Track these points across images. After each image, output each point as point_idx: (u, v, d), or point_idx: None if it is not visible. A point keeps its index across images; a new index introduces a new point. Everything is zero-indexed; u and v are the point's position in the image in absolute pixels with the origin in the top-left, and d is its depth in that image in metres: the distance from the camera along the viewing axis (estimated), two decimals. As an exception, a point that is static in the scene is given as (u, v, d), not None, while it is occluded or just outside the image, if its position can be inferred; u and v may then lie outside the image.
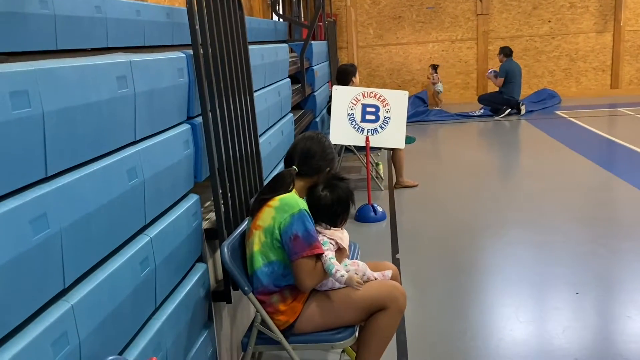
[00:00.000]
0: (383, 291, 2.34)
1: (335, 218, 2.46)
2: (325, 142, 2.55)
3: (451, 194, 5.83)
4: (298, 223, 2.20)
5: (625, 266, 3.87)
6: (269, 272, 2.29)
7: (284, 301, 2.30)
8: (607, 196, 5.59)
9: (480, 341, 3.03)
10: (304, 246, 2.19)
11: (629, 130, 8.49)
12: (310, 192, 2.48)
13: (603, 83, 12.03)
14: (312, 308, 2.31)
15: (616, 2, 11.58)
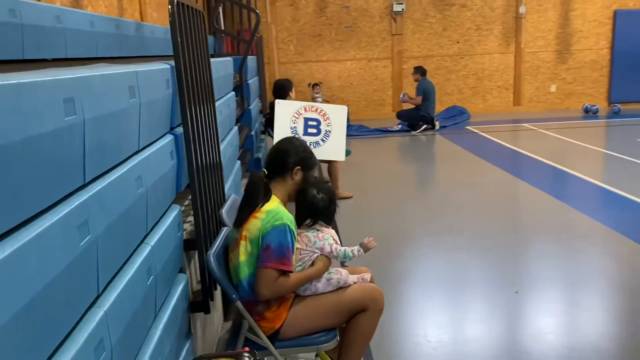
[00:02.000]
0: (363, 293, 2.47)
1: (331, 217, 2.60)
2: (296, 141, 2.61)
3: (383, 204, 6.09)
4: (275, 235, 2.26)
5: (548, 265, 4.26)
6: (247, 285, 2.34)
7: (270, 308, 2.36)
8: (519, 200, 6.09)
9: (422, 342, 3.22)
10: (271, 257, 2.25)
11: (532, 143, 9.26)
12: (303, 194, 2.55)
13: (507, 100, 13.00)
14: (296, 313, 2.38)
15: (517, 26, 12.60)
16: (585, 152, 8.44)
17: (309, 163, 2.57)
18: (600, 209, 5.71)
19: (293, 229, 2.34)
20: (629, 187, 6.13)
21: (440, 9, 12.54)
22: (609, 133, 10.54)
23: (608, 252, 4.47)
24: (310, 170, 2.58)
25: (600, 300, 3.70)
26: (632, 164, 7.31)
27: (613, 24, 12.60)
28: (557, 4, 12.55)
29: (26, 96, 1.09)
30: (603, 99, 12.98)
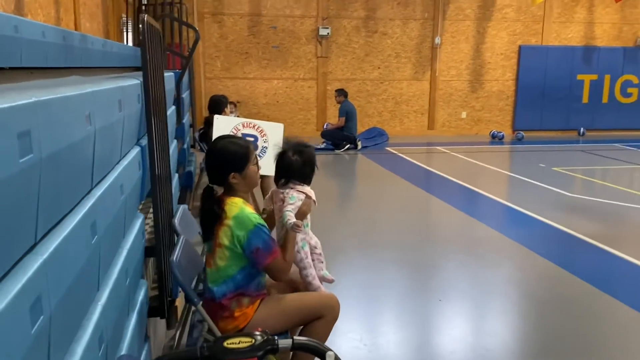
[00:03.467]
0: (323, 300, 2.69)
1: (305, 177, 2.82)
2: (221, 147, 2.58)
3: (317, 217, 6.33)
4: (256, 238, 2.46)
5: (466, 275, 4.69)
6: (230, 284, 2.51)
7: (240, 307, 2.53)
8: (436, 216, 6.57)
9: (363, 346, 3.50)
10: (266, 256, 2.47)
11: (445, 164, 9.92)
12: (281, 157, 2.77)
13: (422, 124, 13.78)
14: (261, 315, 2.56)
15: (432, 55, 13.44)
16: (493, 174, 9.17)
17: (241, 163, 2.53)
18: (508, 225, 6.28)
19: (262, 222, 2.52)
20: (533, 206, 6.78)
21: (363, 35, 13.15)
22: (513, 158, 11.46)
23: (517, 264, 4.97)
24: (246, 164, 2.54)
25: (512, 306, 4.15)
26: (534, 186, 8.05)
27: (518, 58, 13.76)
28: (469, 36, 13.54)
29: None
30: (508, 126, 14.07)
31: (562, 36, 13.87)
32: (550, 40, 13.80)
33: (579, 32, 13.91)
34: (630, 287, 4.44)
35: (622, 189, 8.03)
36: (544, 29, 13.73)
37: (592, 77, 13.98)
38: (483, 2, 13.40)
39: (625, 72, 14.04)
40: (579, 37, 13.93)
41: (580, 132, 13.89)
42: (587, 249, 5.33)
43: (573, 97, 14.02)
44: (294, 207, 2.67)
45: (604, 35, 14.00)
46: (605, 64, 13.97)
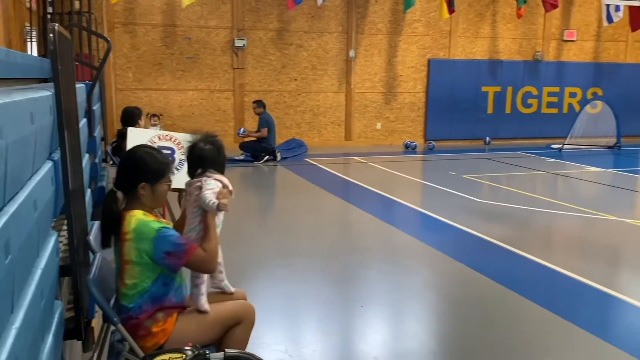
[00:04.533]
0: (239, 307, 2.68)
1: (221, 166, 2.75)
2: (136, 156, 2.55)
3: (232, 231, 6.28)
4: (162, 243, 2.39)
5: (387, 282, 4.81)
6: (145, 298, 2.43)
7: (157, 323, 2.46)
8: (356, 225, 6.71)
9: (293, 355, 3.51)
10: (179, 256, 2.42)
11: (362, 174, 10.16)
12: (192, 148, 2.71)
13: (339, 135, 14.03)
14: (181, 329, 2.51)
15: (347, 68, 13.75)
16: (407, 183, 9.50)
17: (156, 176, 2.50)
18: (424, 231, 6.52)
19: (163, 225, 2.45)
20: (445, 213, 7.08)
21: (279, 47, 13.24)
22: (426, 166, 11.92)
23: (433, 268, 5.17)
24: (159, 179, 2.51)
25: (431, 309, 4.30)
26: (446, 193, 8.41)
27: (427, 71, 14.36)
28: (382, 50, 13.98)
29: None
30: (420, 136, 14.63)
31: (468, 50, 14.64)
32: (457, 54, 14.53)
33: (483, 47, 14.74)
34: (536, 286, 4.73)
35: (526, 193, 8.56)
36: (451, 44, 14.43)
37: (496, 89, 14.85)
38: (394, 17, 13.90)
39: (525, 84, 15.02)
40: (483, 51, 14.76)
41: (486, 141, 14.68)
42: (497, 251, 5.63)
43: (479, 108, 14.81)
44: (212, 192, 2.57)
45: (506, 50, 14.92)
46: (507, 77, 14.88)
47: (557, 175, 10.35)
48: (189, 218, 2.69)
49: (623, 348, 3.56)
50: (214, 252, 2.54)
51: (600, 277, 4.85)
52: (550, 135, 14.84)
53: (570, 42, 15.31)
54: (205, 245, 2.52)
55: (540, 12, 14.69)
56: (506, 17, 14.63)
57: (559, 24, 15.14)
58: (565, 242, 6.26)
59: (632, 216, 7.22)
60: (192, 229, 2.65)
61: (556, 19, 15.02)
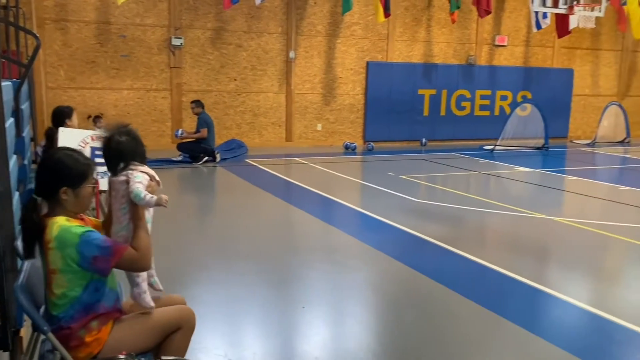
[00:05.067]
0: (177, 312, 2.63)
1: (143, 157, 2.61)
2: (56, 159, 2.47)
3: (171, 235, 6.16)
4: (87, 247, 2.30)
5: (328, 282, 4.86)
6: (76, 307, 2.35)
7: (90, 332, 2.38)
8: (297, 226, 6.73)
9: (239, 355, 3.49)
10: (107, 259, 2.33)
11: (303, 175, 10.20)
12: (107, 143, 2.56)
13: (280, 136, 14.02)
14: (116, 337, 2.43)
15: (287, 69, 13.76)
16: (348, 183, 9.60)
17: (78, 180, 2.43)
18: (364, 231, 6.61)
19: (87, 228, 2.36)
20: (384, 212, 7.20)
21: (218, 46, 13.08)
22: (365, 167, 12.10)
23: (373, 268, 5.25)
24: (82, 182, 2.43)
25: (371, 309, 4.37)
26: (385, 193, 8.57)
27: (366, 73, 14.58)
28: (321, 52, 14.07)
29: None
30: (359, 137, 14.82)
31: (405, 54, 14.96)
32: (395, 57, 14.82)
33: (420, 50, 15.11)
34: (471, 283, 4.90)
35: (460, 193, 8.84)
36: (388, 47, 14.71)
37: (432, 92, 15.25)
38: (333, 19, 14.02)
39: (459, 88, 15.51)
40: (419, 55, 15.12)
41: (423, 143, 15.05)
42: (433, 249, 5.79)
43: (415, 110, 15.16)
44: (142, 184, 2.46)
45: (441, 54, 15.35)
46: (442, 80, 15.31)
47: (489, 175, 10.74)
48: (118, 216, 2.54)
49: (551, 340, 3.74)
50: (146, 249, 2.44)
51: (530, 272, 5.07)
52: (482, 137, 15.37)
53: (501, 47, 15.93)
54: (136, 243, 2.42)
55: (473, 18, 15.21)
56: (441, 22, 15.05)
57: (490, 30, 15.72)
58: (497, 239, 6.51)
59: (559, 214, 7.59)
60: (123, 227, 2.52)
61: (488, 24, 15.59)
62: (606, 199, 8.74)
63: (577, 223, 6.90)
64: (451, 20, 14.56)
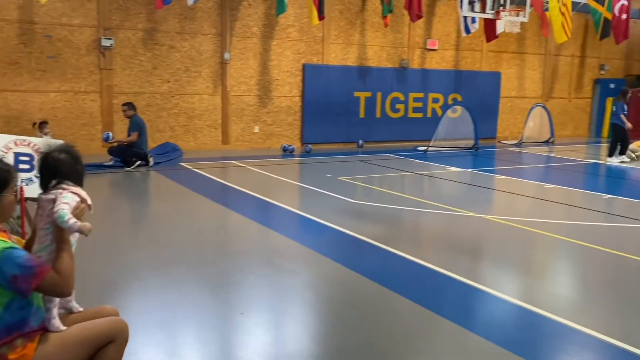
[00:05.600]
0: (110, 324, 2.53)
1: (79, 177, 2.54)
2: None
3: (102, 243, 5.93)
4: (7, 265, 2.18)
5: (267, 286, 4.82)
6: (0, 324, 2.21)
7: (14, 350, 2.25)
8: (234, 230, 6.65)
9: (176, 365, 3.40)
10: (28, 280, 2.20)
11: (241, 178, 10.11)
12: (45, 158, 2.48)
13: (216, 139, 13.82)
14: (44, 352, 2.31)
15: (222, 70, 13.59)
16: (286, 186, 9.59)
17: None
18: (303, 234, 6.62)
19: (10, 244, 2.24)
20: (323, 214, 7.23)
21: (150, 47, 12.76)
22: (303, 169, 12.12)
23: (312, 270, 5.26)
24: (2, 190, 2.32)
25: (311, 311, 4.37)
26: (323, 195, 8.61)
27: (303, 76, 14.62)
28: (257, 54, 14.00)
29: None
30: (297, 139, 14.84)
31: (341, 56, 15.11)
32: (331, 60, 14.94)
33: (355, 54, 15.30)
34: (407, 282, 4.99)
35: (396, 193, 9.01)
36: (324, 50, 14.81)
37: (367, 95, 15.48)
38: (268, 21, 13.98)
39: (393, 90, 15.82)
40: (354, 58, 15.31)
41: (359, 144, 15.25)
42: (371, 250, 5.86)
43: (351, 112, 15.35)
44: (69, 206, 2.37)
45: (375, 57, 15.61)
46: (377, 83, 15.58)
47: (423, 175, 11.01)
48: (40, 235, 2.43)
49: (484, 336, 3.86)
50: (68, 274, 2.33)
51: (464, 270, 5.23)
52: (416, 138, 15.75)
53: (432, 51, 16.38)
54: (59, 266, 2.31)
55: (405, 22, 15.56)
56: (374, 25, 15.31)
57: (422, 34, 16.13)
58: (433, 238, 6.67)
59: (490, 212, 7.88)
60: (43, 248, 2.41)
61: (420, 28, 15.99)
62: (533, 196, 9.15)
63: (507, 220, 7.18)
64: (384, 24, 14.83)
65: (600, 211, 7.87)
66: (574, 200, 8.88)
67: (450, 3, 16.04)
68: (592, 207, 8.16)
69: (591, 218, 7.56)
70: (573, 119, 19.35)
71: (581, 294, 4.96)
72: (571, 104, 19.21)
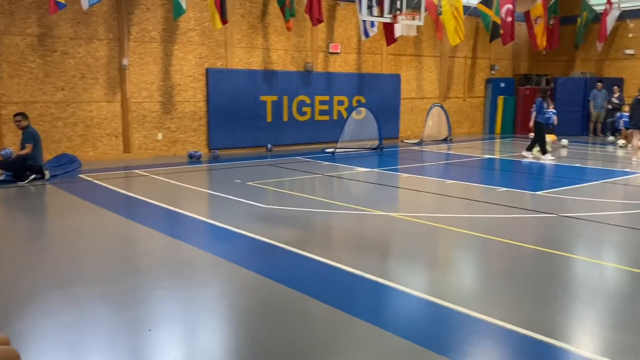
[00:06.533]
0: (2, 358, 2.33)
1: None
2: None
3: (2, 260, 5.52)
4: None
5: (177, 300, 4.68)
6: None
7: None
8: (140, 243, 6.41)
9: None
10: None
11: (145, 188, 9.76)
12: None
13: (117, 148, 13.24)
14: None
15: (121, 76, 13.05)
16: (194, 194, 9.36)
17: None
18: (213, 242, 6.49)
19: None
20: (233, 221, 7.14)
21: (41, 54, 12.00)
22: (211, 176, 11.90)
23: (223, 279, 5.17)
24: None
25: (224, 321, 4.29)
26: (233, 201, 8.50)
27: (206, 80, 14.35)
28: (157, 58, 13.57)
29: None
30: (204, 145, 14.55)
31: (245, 60, 15.00)
32: (235, 64, 14.79)
33: (259, 57, 15.24)
34: (320, 284, 5.03)
35: (306, 196, 9.08)
36: (227, 54, 14.63)
37: (273, 98, 15.47)
38: (168, 25, 13.60)
39: (299, 94, 15.92)
40: (259, 62, 15.25)
41: (268, 148, 15.21)
42: (283, 254, 5.85)
43: (258, 116, 15.27)
44: None
45: (280, 61, 15.64)
46: (283, 86, 15.61)
47: (332, 177, 11.18)
48: None
49: (397, 333, 3.97)
50: None
51: (374, 268, 5.35)
52: (324, 140, 15.95)
53: (335, 55, 16.67)
54: None
55: (308, 26, 15.72)
56: (278, 29, 15.34)
57: (325, 38, 16.37)
58: (343, 238, 6.78)
59: (396, 210, 8.13)
60: None
61: (322, 32, 16.22)
62: (435, 192, 9.56)
63: (412, 217, 7.44)
64: (286, 28, 14.89)
65: (497, 204, 8.36)
66: (473, 194, 9.38)
67: (350, 7, 16.41)
68: (489, 200, 8.65)
69: (489, 211, 8.01)
70: (468, 118, 20.42)
71: (483, 284, 5.24)
72: (466, 103, 20.27)
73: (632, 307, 4.49)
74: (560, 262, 5.68)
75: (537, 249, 6.07)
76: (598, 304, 4.61)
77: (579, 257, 5.92)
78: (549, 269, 5.45)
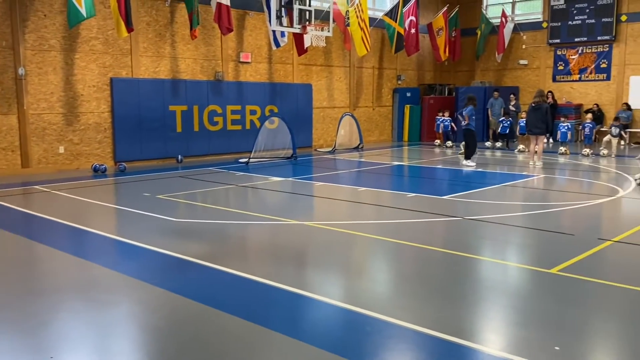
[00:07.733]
0: None
1: None
2: None
3: None
4: None
5: (83, 324, 4.42)
6: None
7: None
8: (40, 264, 5.99)
9: None
10: None
11: (46, 205, 9.19)
12: None
13: (14, 162, 12.37)
14: None
15: (18, 87, 12.23)
16: (99, 209, 8.92)
17: None
18: (121, 261, 6.20)
19: None
20: (142, 237, 6.86)
21: None
22: (118, 189, 11.40)
23: (134, 299, 4.94)
24: None
25: (133, 344, 4.09)
26: (142, 216, 8.18)
27: (111, 90, 13.77)
28: (57, 68, 12.86)
29: None
30: (110, 158, 13.93)
31: (152, 69, 14.55)
32: (141, 73, 14.30)
33: (167, 66, 14.84)
34: (235, 299, 4.93)
35: (220, 208, 8.91)
36: (133, 63, 14.13)
37: (183, 108, 15.11)
38: (68, 33, 12.93)
39: (210, 103, 15.66)
40: (167, 71, 14.85)
41: (179, 159, 14.81)
42: (195, 269, 5.69)
43: (167, 126, 14.85)
44: None
45: (189, 70, 15.31)
46: (192, 96, 15.29)
47: (246, 187, 11.06)
48: None
49: (314, 344, 3.96)
50: None
51: (290, 279, 5.33)
52: (237, 150, 15.78)
53: (246, 64, 16.56)
54: None
55: (217, 35, 15.52)
56: (185, 38, 15.02)
57: (235, 47, 16.23)
58: (259, 250, 6.71)
59: (310, 219, 8.17)
60: None
61: (232, 41, 16.07)
62: (348, 200, 9.70)
63: (326, 225, 7.50)
64: (191, 37, 14.60)
65: (407, 209, 8.61)
66: (384, 200, 9.62)
67: (259, 17, 16.38)
68: (399, 206, 8.90)
69: (400, 216, 8.23)
70: (378, 126, 20.98)
71: (396, 288, 5.36)
72: (375, 112, 20.82)
73: (534, 304, 4.77)
74: (467, 263, 5.94)
75: (446, 251, 6.31)
76: (503, 302, 4.85)
77: (484, 258, 6.21)
78: (458, 271, 5.67)
